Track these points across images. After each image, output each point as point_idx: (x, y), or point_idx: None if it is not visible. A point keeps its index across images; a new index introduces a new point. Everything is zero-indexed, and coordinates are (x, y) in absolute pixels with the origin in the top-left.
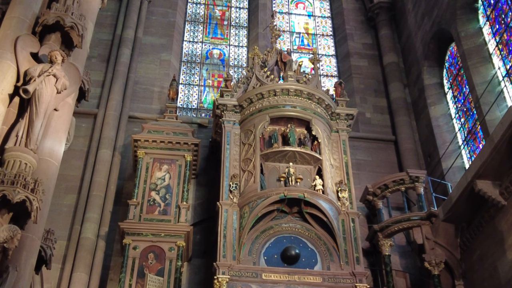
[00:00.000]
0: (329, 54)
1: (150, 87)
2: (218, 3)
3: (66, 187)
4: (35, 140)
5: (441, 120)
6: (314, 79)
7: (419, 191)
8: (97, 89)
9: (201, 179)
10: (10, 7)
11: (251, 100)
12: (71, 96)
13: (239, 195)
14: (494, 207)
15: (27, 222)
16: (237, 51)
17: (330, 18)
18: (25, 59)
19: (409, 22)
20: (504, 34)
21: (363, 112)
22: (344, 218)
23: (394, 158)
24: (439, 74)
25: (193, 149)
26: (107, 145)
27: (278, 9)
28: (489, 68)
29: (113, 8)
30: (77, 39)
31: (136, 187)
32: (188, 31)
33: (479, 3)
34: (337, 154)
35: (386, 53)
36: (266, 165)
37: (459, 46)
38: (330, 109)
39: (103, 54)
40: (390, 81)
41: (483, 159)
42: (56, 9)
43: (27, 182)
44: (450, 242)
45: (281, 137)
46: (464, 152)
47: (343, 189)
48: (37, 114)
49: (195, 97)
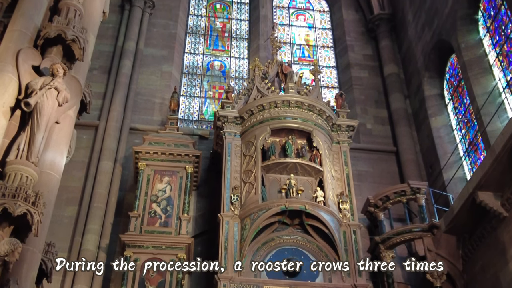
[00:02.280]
0: (329, 66)
1: (151, 98)
2: (219, 15)
3: (67, 199)
4: (36, 153)
5: (442, 131)
6: (315, 90)
7: (420, 203)
8: (98, 100)
9: (202, 190)
10: (12, 20)
11: (252, 112)
12: (73, 109)
13: (240, 206)
14: (496, 218)
15: (28, 235)
16: (238, 62)
17: (330, 30)
18: (26, 72)
19: (409, 33)
20: (504, 45)
21: (364, 123)
22: (346, 229)
23: (395, 169)
24: (439, 85)
25: (194, 161)
26: (108, 157)
27: (279, 21)
28: (490, 79)
29: (115, 20)
30: (79, 52)
31: (137, 199)
32: (189, 43)
33: (479, 15)
34: (338, 166)
35: (386, 64)
36: (267, 177)
37: (460, 57)
38: (331, 120)
39: (105, 66)
40: (390, 92)
41: (485, 170)
42: (57, 22)
43: (28, 195)
44: (452, 253)
45: (281, 148)
46: (465, 163)
47: (345, 201)
48: (38, 127)
49: (196, 108)
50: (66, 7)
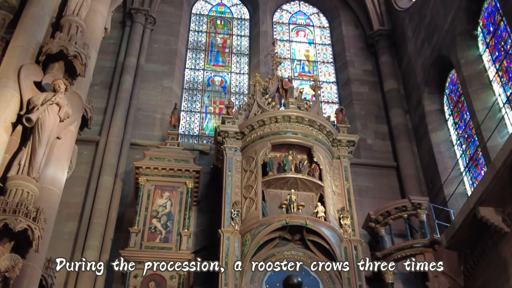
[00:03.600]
0: (329, 81)
1: (152, 113)
2: (220, 31)
3: (67, 214)
4: (38, 169)
5: (442, 146)
6: (315, 105)
7: (421, 218)
8: (99, 116)
9: (203, 206)
10: (14, 36)
11: (252, 127)
12: (74, 124)
13: (241, 222)
14: (497, 233)
15: (28, 251)
16: (238, 78)
17: (330, 45)
18: (28, 87)
19: (409, 48)
20: (504, 61)
21: (364, 138)
22: (347, 245)
23: (396, 184)
24: (439, 101)
25: (194, 176)
26: (109, 172)
27: (279, 36)
28: (490, 95)
29: (116, 36)
30: (81, 68)
31: (138, 214)
32: (190, 59)
33: (478, 30)
34: (339, 181)
35: (386, 80)
36: (267, 192)
37: (459, 73)
38: (332, 135)
39: (106, 81)
40: (390, 107)
41: (485, 185)
42: (59, 38)
43: (29, 210)
44: (454, 269)
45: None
46: (466, 178)
47: (345, 216)
48: (39, 143)
49: (196, 123)
50: (68, 23)
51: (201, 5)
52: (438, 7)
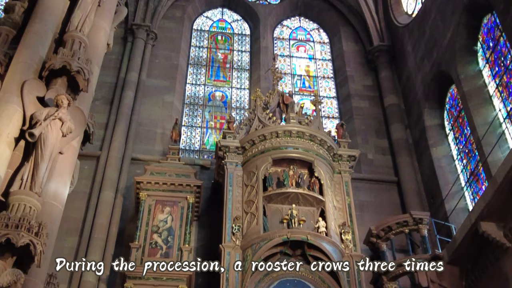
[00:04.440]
0: (330, 96)
1: (153, 128)
2: (221, 47)
3: (68, 229)
4: (40, 183)
5: (443, 161)
6: (315, 120)
7: (423, 233)
8: (100, 131)
9: (203, 220)
10: (17, 52)
11: (253, 142)
12: (76, 139)
13: (242, 237)
14: (499, 249)
15: (30, 266)
16: (239, 93)
17: (330, 61)
18: (31, 103)
19: (409, 64)
20: (503, 76)
21: (365, 153)
22: (348, 260)
23: (397, 199)
24: (440, 116)
25: (195, 191)
26: (110, 187)
27: (280, 52)
28: (490, 110)
29: (118, 52)
30: (83, 83)
31: (138, 230)
32: (191, 74)
33: (478, 46)
34: (340, 196)
35: (386, 95)
36: (268, 207)
37: (459, 88)
38: (332, 150)
39: (107, 97)
40: (391, 122)
41: (487, 200)
42: (63, 54)
43: (31, 225)
44: (455, 284)
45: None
46: (467, 193)
47: (347, 231)
48: (42, 157)
49: (197, 138)
50: (71, 39)
51: (202, 21)
52: (438, 23)
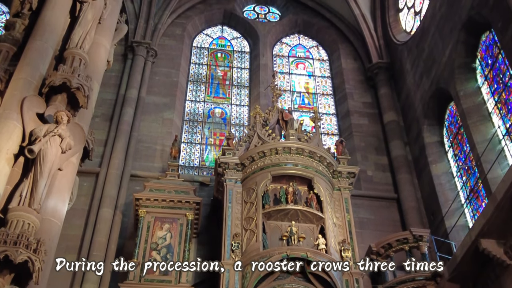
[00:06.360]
0: (329, 113)
1: (153, 145)
2: (220, 64)
3: (66, 247)
4: (39, 200)
5: (443, 178)
6: (315, 137)
7: (423, 250)
8: (100, 148)
9: (203, 237)
10: (17, 69)
11: (253, 158)
12: (76, 156)
13: (241, 254)
14: (499, 266)
15: (28, 283)
16: (238, 110)
17: (330, 78)
18: (31, 119)
19: (408, 81)
20: (502, 93)
21: (364, 170)
22: (348, 278)
23: (397, 216)
24: (439, 133)
25: (194, 208)
26: (109, 204)
27: (279, 69)
28: (489, 127)
29: (118, 69)
30: (83, 100)
31: (137, 247)
32: (190, 91)
33: (476, 63)
34: (340, 213)
35: (386, 112)
36: (268, 224)
37: (458, 105)
38: (332, 167)
39: (107, 114)
40: (390, 139)
41: (487, 217)
42: (63, 70)
43: (29, 242)
44: None
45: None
46: (467, 210)
47: (347, 248)
48: (41, 174)
49: (197, 155)
50: (71, 56)
51: (202, 39)
52: (436, 41)
